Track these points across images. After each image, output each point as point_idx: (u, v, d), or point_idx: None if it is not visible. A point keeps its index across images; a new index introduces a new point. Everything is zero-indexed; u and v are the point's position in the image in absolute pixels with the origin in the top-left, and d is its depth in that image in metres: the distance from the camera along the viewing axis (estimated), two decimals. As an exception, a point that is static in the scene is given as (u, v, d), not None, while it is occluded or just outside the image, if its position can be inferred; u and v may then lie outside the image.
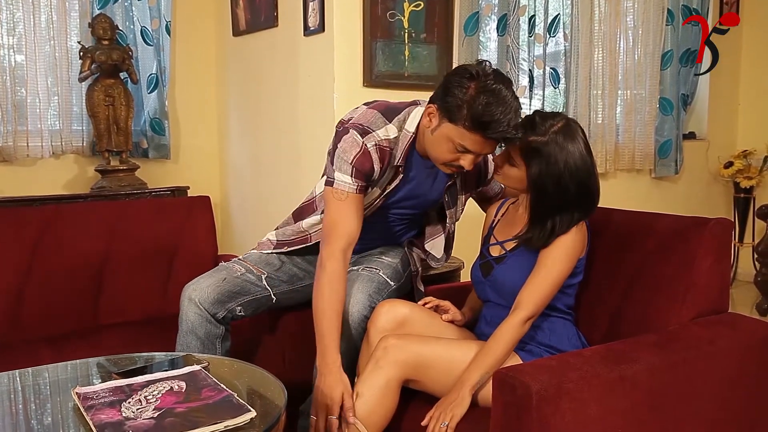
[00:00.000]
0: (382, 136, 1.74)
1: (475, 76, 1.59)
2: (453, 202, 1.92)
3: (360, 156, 1.71)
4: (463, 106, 1.57)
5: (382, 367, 1.53)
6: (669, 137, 4.08)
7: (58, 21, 3.11)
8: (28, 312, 2.21)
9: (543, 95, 3.55)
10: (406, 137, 1.76)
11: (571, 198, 1.58)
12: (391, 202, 1.87)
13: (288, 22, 3.01)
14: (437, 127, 1.65)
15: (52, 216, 2.31)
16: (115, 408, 1.29)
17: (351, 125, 1.75)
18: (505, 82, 1.60)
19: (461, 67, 1.67)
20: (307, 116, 2.95)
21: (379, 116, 1.76)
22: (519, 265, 1.66)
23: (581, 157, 1.58)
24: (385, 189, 1.82)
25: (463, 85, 1.59)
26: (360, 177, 1.72)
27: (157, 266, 2.44)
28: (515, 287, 1.63)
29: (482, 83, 1.57)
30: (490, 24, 3.34)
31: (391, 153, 1.76)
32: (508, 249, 1.71)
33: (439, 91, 1.66)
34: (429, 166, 1.82)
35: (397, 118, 1.77)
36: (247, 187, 3.52)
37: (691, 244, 1.62)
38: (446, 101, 1.61)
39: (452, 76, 1.64)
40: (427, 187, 1.87)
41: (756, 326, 1.65)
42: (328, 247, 1.70)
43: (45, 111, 3.11)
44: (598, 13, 3.74)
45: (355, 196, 1.72)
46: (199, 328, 1.85)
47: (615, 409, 1.35)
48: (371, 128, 1.74)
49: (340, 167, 1.72)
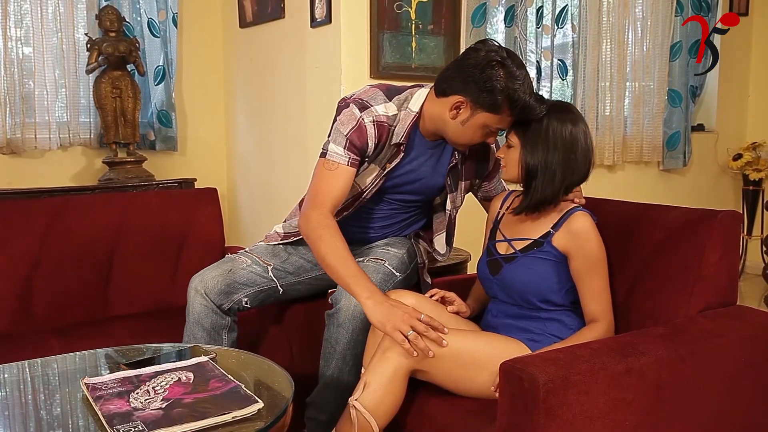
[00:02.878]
0: (381, 112, 1.76)
1: (502, 62, 1.63)
2: (455, 186, 1.92)
3: (356, 130, 1.73)
4: (501, 96, 1.63)
5: (389, 358, 1.53)
6: (677, 129, 4.06)
7: (65, 13, 3.12)
8: (37, 303, 2.23)
9: (551, 87, 3.54)
10: (409, 116, 1.77)
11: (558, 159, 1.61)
12: (392, 185, 1.87)
13: (295, 14, 3.00)
14: (469, 118, 1.69)
15: (59, 208, 2.32)
16: (123, 398, 1.30)
17: (351, 100, 1.78)
18: (517, 59, 1.67)
19: (479, 55, 1.66)
20: (314, 108, 2.95)
21: (380, 93, 1.80)
22: (530, 267, 1.66)
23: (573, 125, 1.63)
24: (384, 167, 1.82)
25: (496, 77, 1.62)
26: (353, 150, 1.73)
27: (164, 258, 2.45)
28: (525, 288, 1.65)
29: (508, 69, 1.63)
30: (498, 15, 3.32)
31: (389, 130, 1.77)
32: (518, 248, 1.71)
33: (462, 82, 1.67)
34: (431, 147, 1.84)
35: (397, 98, 1.80)
36: (254, 179, 3.52)
37: (700, 236, 1.61)
38: (482, 95, 1.64)
39: (477, 69, 1.64)
40: (429, 169, 1.87)
41: (764, 319, 1.64)
42: (313, 209, 1.71)
43: (52, 103, 3.12)
44: (606, 4, 3.72)
45: (345, 168, 1.73)
46: (206, 319, 1.86)
47: (622, 401, 1.35)
48: (370, 103, 1.77)
49: (335, 139, 1.75)
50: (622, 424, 1.36)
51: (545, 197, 1.63)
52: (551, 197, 1.64)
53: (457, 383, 1.59)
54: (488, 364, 1.54)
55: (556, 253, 1.65)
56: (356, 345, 1.76)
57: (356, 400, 1.52)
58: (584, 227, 1.63)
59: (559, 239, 1.65)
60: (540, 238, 1.67)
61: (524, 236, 1.71)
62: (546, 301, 1.66)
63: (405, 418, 1.62)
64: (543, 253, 1.66)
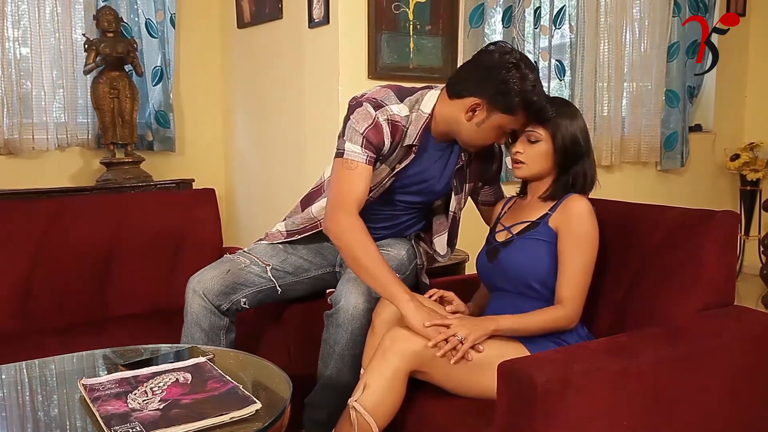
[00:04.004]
0: (395, 112, 1.76)
1: (517, 65, 1.65)
2: (460, 188, 1.92)
3: (372, 128, 1.72)
4: (518, 99, 1.65)
5: (389, 358, 1.53)
6: (675, 129, 4.07)
7: (62, 13, 3.11)
8: (35, 304, 2.22)
9: (549, 87, 3.53)
10: (421, 118, 1.77)
11: (583, 152, 1.72)
12: (398, 186, 1.87)
13: (293, 14, 3.00)
14: (485, 120, 1.70)
15: (57, 209, 2.32)
16: (121, 399, 1.29)
17: (365, 99, 1.77)
18: (529, 62, 1.70)
19: (494, 57, 1.68)
20: (312, 109, 2.95)
21: (392, 94, 1.79)
22: (525, 248, 1.68)
23: (582, 119, 1.76)
24: (394, 168, 1.82)
25: (512, 79, 1.64)
26: (370, 148, 1.73)
27: (162, 258, 2.45)
28: (521, 270, 1.66)
29: (522, 71, 1.65)
30: (496, 16, 3.33)
31: (403, 131, 1.77)
32: (515, 233, 1.73)
33: (478, 84, 1.68)
34: (440, 149, 1.85)
35: (409, 99, 1.79)
36: (252, 180, 3.52)
37: (697, 236, 1.62)
38: (498, 97, 1.66)
39: (494, 71, 1.66)
40: (437, 172, 1.87)
41: (762, 319, 1.65)
42: (340, 211, 1.71)
43: (50, 104, 3.11)
44: (604, 5, 3.72)
45: (364, 166, 1.73)
46: (204, 319, 1.86)
47: (620, 401, 1.35)
48: (385, 102, 1.76)
49: (351, 137, 1.73)
50: (620, 424, 1.36)
51: (592, 179, 1.74)
52: (593, 178, 1.74)
53: (456, 384, 1.59)
54: (487, 365, 1.54)
55: (550, 233, 1.67)
56: (355, 345, 1.76)
57: (356, 401, 1.52)
58: (579, 207, 1.66)
59: (554, 219, 1.68)
60: (537, 219, 1.71)
61: (523, 220, 1.74)
62: (545, 285, 1.66)
63: (404, 418, 1.62)
64: (538, 234, 1.68)
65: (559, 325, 1.61)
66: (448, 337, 1.53)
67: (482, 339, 1.56)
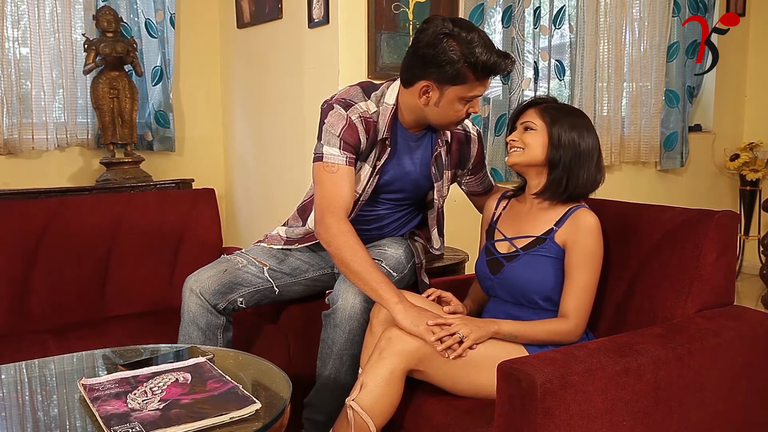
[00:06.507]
0: (364, 108, 1.79)
1: (450, 33, 1.64)
2: (440, 175, 1.93)
3: (347, 128, 1.75)
4: (461, 65, 1.64)
5: (386, 358, 1.53)
6: (675, 129, 4.07)
7: (62, 13, 3.11)
8: (35, 303, 2.22)
9: (548, 87, 3.54)
10: (387, 110, 1.80)
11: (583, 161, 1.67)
12: (384, 183, 1.89)
13: (292, 14, 3.00)
14: (441, 97, 1.71)
15: (57, 208, 2.32)
16: (120, 399, 1.29)
17: (335, 101, 1.81)
18: (465, 24, 1.68)
19: (427, 34, 1.67)
20: (312, 109, 2.94)
21: (359, 91, 1.83)
22: (532, 265, 1.66)
23: (594, 137, 1.70)
24: (375, 165, 1.84)
25: (449, 49, 1.64)
26: (348, 149, 1.76)
27: (162, 258, 2.45)
28: (528, 286, 1.65)
29: (459, 37, 1.64)
30: (495, 16, 3.32)
31: (375, 125, 1.80)
32: (519, 246, 1.71)
33: (420, 66, 1.69)
34: (415, 140, 1.87)
35: (374, 94, 1.83)
36: (252, 180, 3.52)
37: (697, 236, 1.62)
38: (442, 70, 1.65)
39: (429, 48, 1.66)
40: (417, 162, 1.89)
41: (761, 319, 1.64)
42: (329, 216, 1.72)
43: (50, 104, 3.12)
44: (603, 5, 3.72)
45: (346, 168, 1.76)
46: (201, 318, 1.86)
47: (620, 401, 1.35)
48: (353, 101, 1.79)
49: (329, 141, 1.76)
50: (620, 424, 1.36)
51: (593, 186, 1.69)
52: (591, 185, 1.69)
53: (455, 383, 1.59)
54: (486, 365, 1.54)
55: (557, 249, 1.65)
56: (353, 345, 1.76)
57: (353, 400, 1.52)
58: (589, 223, 1.64)
59: (561, 234, 1.66)
60: (542, 235, 1.68)
61: (526, 234, 1.71)
62: (548, 299, 1.66)
63: (402, 418, 1.62)
64: (545, 250, 1.66)
65: (561, 340, 1.60)
66: (449, 333, 1.54)
67: (483, 339, 1.56)
